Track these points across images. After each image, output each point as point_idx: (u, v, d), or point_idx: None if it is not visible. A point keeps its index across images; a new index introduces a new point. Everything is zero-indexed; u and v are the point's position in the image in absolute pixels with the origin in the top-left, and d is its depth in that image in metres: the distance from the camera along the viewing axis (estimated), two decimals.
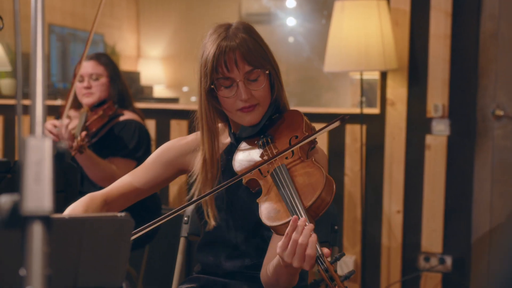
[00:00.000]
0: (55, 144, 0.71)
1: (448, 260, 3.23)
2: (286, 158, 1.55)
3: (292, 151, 1.56)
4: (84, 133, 2.56)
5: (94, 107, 2.83)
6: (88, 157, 2.61)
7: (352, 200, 3.36)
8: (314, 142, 1.62)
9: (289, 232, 1.36)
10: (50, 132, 2.63)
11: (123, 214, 1.01)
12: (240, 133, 1.66)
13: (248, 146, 1.65)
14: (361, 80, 3.22)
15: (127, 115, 2.87)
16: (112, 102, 2.84)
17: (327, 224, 1.92)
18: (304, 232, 1.34)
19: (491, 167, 3.21)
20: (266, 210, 1.47)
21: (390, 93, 3.28)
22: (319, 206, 1.43)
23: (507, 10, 3.16)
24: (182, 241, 1.96)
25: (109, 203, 1.68)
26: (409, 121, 3.26)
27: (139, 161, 2.80)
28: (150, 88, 5.53)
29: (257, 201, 1.51)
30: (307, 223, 1.36)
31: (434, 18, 3.18)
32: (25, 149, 0.69)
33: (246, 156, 1.63)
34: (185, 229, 1.98)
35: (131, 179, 1.72)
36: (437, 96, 3.20)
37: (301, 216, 1.38)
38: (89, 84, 2.82)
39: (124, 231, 1.01)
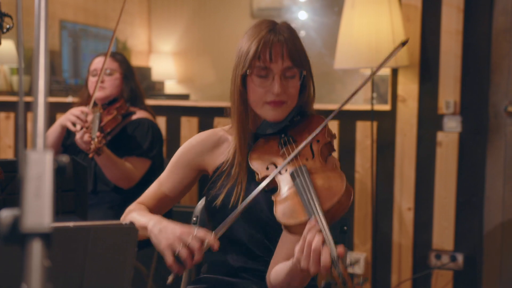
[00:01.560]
0: (56, 157, 0.71)
1: (460, 258, 3.21)
2: (307, 159, 1.55)
3: (313, 154, 1.56)
4: (100, 134, 2.56)
5: (106, 105, 2.84)
6: (107, 157, 2.63)
7: (363, 197, 3.35)
8: (332, 148, 1.62)
9: (305, 234, 1.35)
10: (78, 117, 2.65)
11: (128, 222, 1.01)
12: (261, 129, 1.66)
13: (267, 143, 1.65)
14: (372, 76, 3.19)
15: (139, 114, 2.88)
16: (124, 100, 2.85)
17: (336, 224, 1.91)
18: (317, 237, 1.32)
19: (504, 164, 3.18)
20: (282, 207, 1.46)
21: (401, 90, 3.26)
22: (337, 210, 1.42)
23: None
24: None
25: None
26: (420, 118, 3.24)
27: (154, 160, 2.81)
28: (161, 84, 5.54)
29: (273, 198, 1.50)
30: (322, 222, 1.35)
31: (446, 14, 3.15)
32: (26, 162, 0.69)
33: (264, 152, 1.63)
34: None
35: (158, 186, 1.77)
36: (449, 92, 3.17)
37: (319, 218, 1.36)
38: (102, 78, 2.83)
39: (129, 239, 1.01)
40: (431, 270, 3.26)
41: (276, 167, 1.55)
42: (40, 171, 0.68)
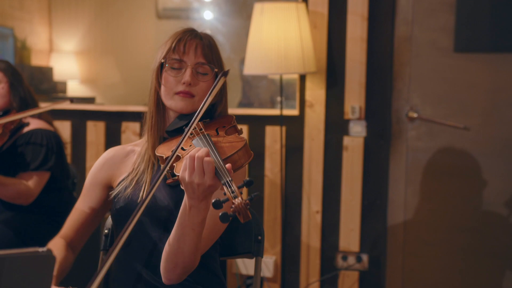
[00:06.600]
0: None
1: (365, 258, 3.32)
2: (211, 136, 1.55)
3: (217, 131, 1.58)
4: None
5: None
6: None
7: (272, 201, 3.39)
8: (238, 131, 1.63)
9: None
10: None
11: (44, 249, 0.96)
12: (170, 127, 1.67)
13: (174, 138, 1.65)
14: (281, 82, 3.24)
15: (32, 124, 2.72)
16: (15, 112, 2.67)
17: (251, 234, 1.92)
18: (201, 149, 1.37)
19: (405, 168, 3.32)
20: (181, 164, 1.44)
21: (308, 95, 3.32)
22: (235, 162, 1.43)
23: (419, 15, 3.27)
24: (102, 255, 1.91)
25: (70, 242, 1.73)
26: (327, 123, 3.32)
27: (52, 170, 2.69)
28: (63, 84, 5.36)
29: (174, 163, 1.48)
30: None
31: (351, 22, 3.24)
32: None
33: (170, 142, 1.63)
34: (105, 242, 1.92)
35: (78, 211, 1.76)
36: (354, 98, 3.27)
37: (217, 163, 1.37)
38: None
39: (46, 267, 0.97)
40: (338, 271, 3.35)
41: (182, 148, 1.52)
42: None
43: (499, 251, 3.27)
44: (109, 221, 1.93)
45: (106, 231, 1.93)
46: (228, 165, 1.35)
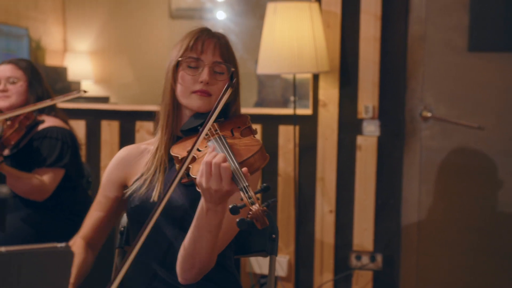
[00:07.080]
0: None
1: (379, 258, 3.32)
2: (227, 137, 1.56)
3: (232, 132, 1.58)
4: None
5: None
6: (8, 175, 2.50)
7: (285, 201, 3.39)
8: (252, 132, 1.64)
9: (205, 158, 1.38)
10: None
11: (63, 245, 0.97)
12: (184, 126, 1.68)
13: (189, 138, 1.65)
14: (294, 81, 3.24)
15: (48, 122, 2.76)
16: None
17: (265, 233, 1.93)
18: (217, 156, 1.37)
19: (419, 167, 3.31)
20: (198, 167, 1.44)
21: (322, 94, 3.32)
22: (251, 165, 1.43)
23: (433, 14, 3.26)
24: (117, 253, 1.92)
25: (89, 242, 1.75)
26: (340, 122, 3.32)
27: (67, 167, 2.72)
28: (77, 84, 5.38)
29: (190, 165, 1.48)
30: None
31: (364, 21, 3.24)
32: None
33: (185, 141, 1.63)
34: (120, 240, 1.93)
35: (96, 211, 1.77)
36: (368, 97, 3.26)
37: (233, 166, 1.38)
38: (5, 87, 2.74)
39: (64, 263, 0.98)
40: (352, 270, 3.34)
41: (197, 149, 1.53)
42: None
43: None
44: (124, 218, 1.94)
45: (121, 228, 1.94)
46: (244, 169, 1.35)
